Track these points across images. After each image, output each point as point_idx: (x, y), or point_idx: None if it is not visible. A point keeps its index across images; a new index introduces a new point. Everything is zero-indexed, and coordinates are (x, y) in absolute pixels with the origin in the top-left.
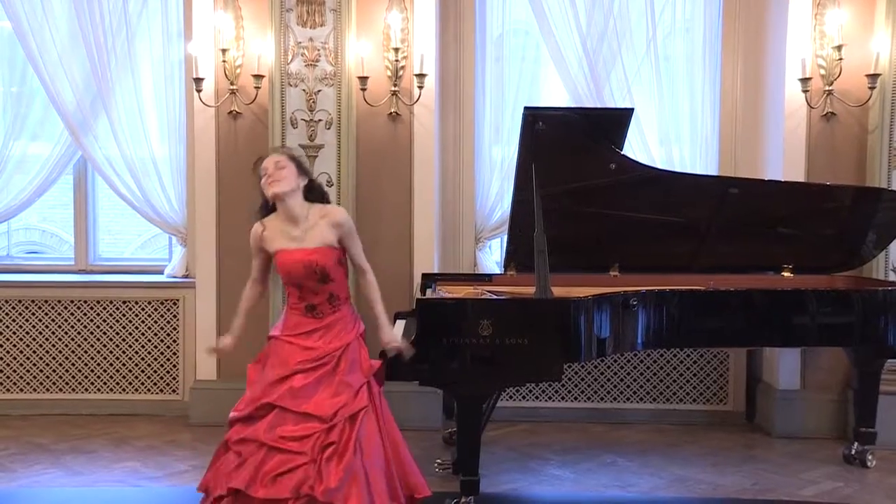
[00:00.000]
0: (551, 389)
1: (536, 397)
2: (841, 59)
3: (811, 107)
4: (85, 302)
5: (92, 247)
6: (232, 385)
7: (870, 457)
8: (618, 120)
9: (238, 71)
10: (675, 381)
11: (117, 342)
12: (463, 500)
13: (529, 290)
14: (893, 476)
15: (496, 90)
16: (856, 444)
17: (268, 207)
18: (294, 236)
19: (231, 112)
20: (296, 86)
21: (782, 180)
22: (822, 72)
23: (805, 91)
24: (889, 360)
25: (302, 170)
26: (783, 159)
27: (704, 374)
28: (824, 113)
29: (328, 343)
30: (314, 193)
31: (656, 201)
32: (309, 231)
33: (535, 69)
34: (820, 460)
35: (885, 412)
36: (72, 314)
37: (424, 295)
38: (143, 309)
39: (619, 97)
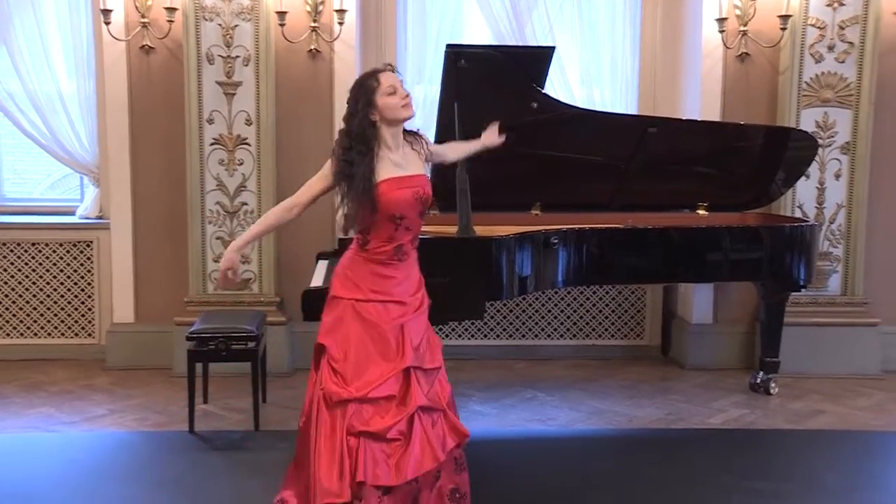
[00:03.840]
0: (474, 327)
1: (459, 335)
2: (755, 0)
3: (727, 47)
4: None
5: None
6: (149, 328)
7: (773, 384)
8: (539, 58)
9: (149, 3)
10: (593, 317)
11: (28, 286)
12: None
13: (452, 230)
14: (794, 401)
15: (418, 28)
16: (761, 373)
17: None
18: (397, 162)
19: (143, 46)
20: (211, 20)
21: (699, 120)
22: (738, 12)
23: (721, 31)
24: (793, 294)
25: None
26: (700, 99)
27: (622, 311)
28: (739, 53)
29: (414, 290)
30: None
31: (577, 140)
32: (406, 157)
33: (456, 6)
34: (728, 390)
35: (787, 342)
36: None
37: (347, 235)
38: (54, 251)
39: (541, 36)
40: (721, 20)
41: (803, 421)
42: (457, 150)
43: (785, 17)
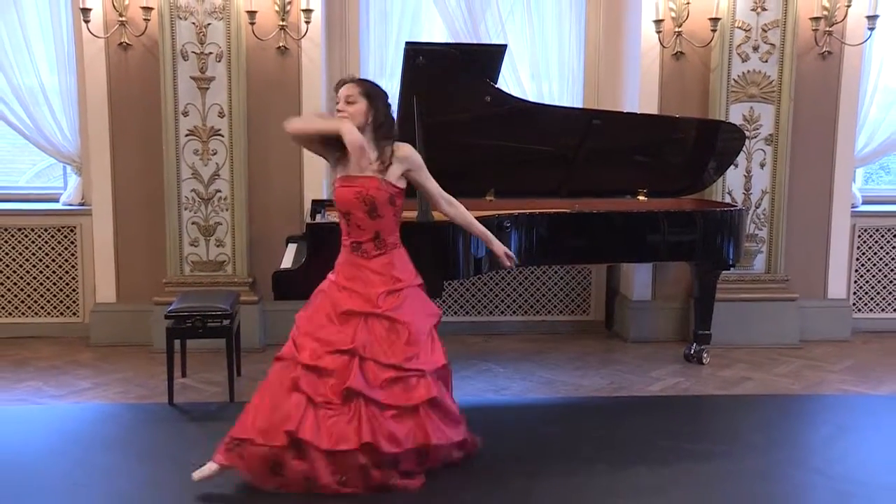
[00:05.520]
0: None
1: None
2: (688, 3)
3: (663, 46)
4: None
5: None
6: (130, 307)
7: (705, 355)
8: (493, 55)
9: (126, 2)
10: (543, 294)
11: (15, 268)
12: None
13: (412, 215)
14: (723, 370)
15: (379, 26)
16: (694, 344)
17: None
18: (357, 164)
19: (121, 43)
20: (185, 19)
21: (638, 113)
22: (673, 14)
23: (658, 32)
24: (723, 272)
25: (374, 105)
26: (639, 93)
27: (569, 289)
28: (674, 52)
29: (383, 285)
30: (382, 129)
31: (528, 131)
32: (374, 163)
33: (416, 6)
34: (666, 360)
35: (718, 317)
36: None
37: (314, 220)
38: (39, 236)
39: (493, 34)
40: (658, 21)
41: (731, 387)
42: (457, 213)
43: (715, 20)
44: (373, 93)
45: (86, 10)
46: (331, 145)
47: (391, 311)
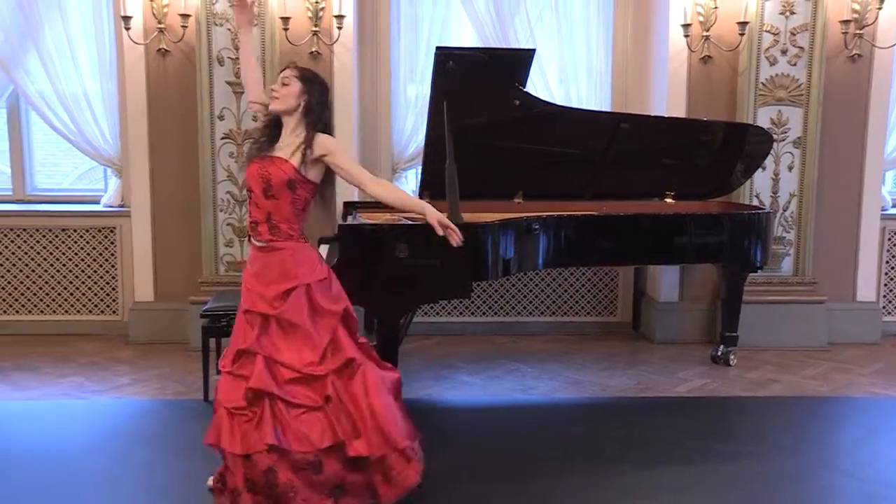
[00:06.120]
0: (462, 305)
1: (449, 313)
2: (716, 7)
3: (691, 50)
4: (24, 230)
5: (29, 178)
6: (167, 306)
7: (732, 356)
8: (521, 60)
9: (165, 10)
10: (570, 296)
11: (58, 268)
12: None
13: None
14: (750, 371)
15: (410, 32)
16: (721, 346)
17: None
18: (279, 147)
19: (160, 50)
20: (221, 25)
21: (666, 116)
22: (701, 19)
23: (686, 36)
24: (750, 274)
25: (308, 90)
26: (667, 97)
27: (596, 290)
28: (702, 56)
29: (276, 284)
30: (310, 116)
31: (556, 135)
32: (289, 145)
33: (446, 12)
34: (692, 361)
35: (745, 319)
36: (12, 241)
37: (346, 221)
38: (81, 236)
39: (522, 38)
40: (686, 26)
41: (758, 389)
42: (384, 191)
43: (743, 24)
44: (310, 77)
45: (127, 18)
46: (270, 130)
47: (285, 312)
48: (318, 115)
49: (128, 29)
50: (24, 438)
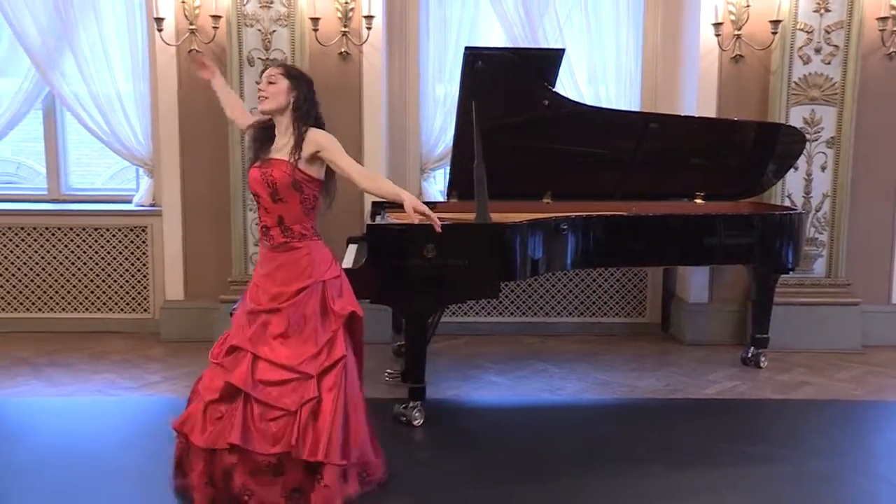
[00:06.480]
0: (490, 306)
1: (476, 313)
2: (748, 6)
3: (722, 49)
4: (59, 229)
5: (63, 178)
6: (198, 304)
7: (763, 358)
8: (550, 59)
9: (197, 11)
10: (599, 296)
11: (91, 266)
12: (410, 404)
13: (470, 216)
14: (781, 374)
15: (439, 32)
16: (752, 348)
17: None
18: (276, 147)
19: (191, 51)
20: (252, 26)
21: (696, 116)
22: (732, 17)
23: (717, 35)
24: (782, 276)
25: (295, 87)
26: (697, 97)
27: (625, 291)
28: (733, 55)
29: (288, 284)
30: (300, 112)
31: (585, 135)
32: (286, 145)
33: (474, 12)
34: (722, 363)
35: (776, 320)
36: (47, 240)
37: (374, 221)
38: (113, 235)
39: (551, 38)
40: (717, 24)
41: (790, 391)
42: (374, 185)
43: (776, 22)
44: (296, 74)
45: (159, 20)
46: (262, 134)
47: (292, 308)
48: (307, 110)
49: (160, 30)
50: (57, 434)
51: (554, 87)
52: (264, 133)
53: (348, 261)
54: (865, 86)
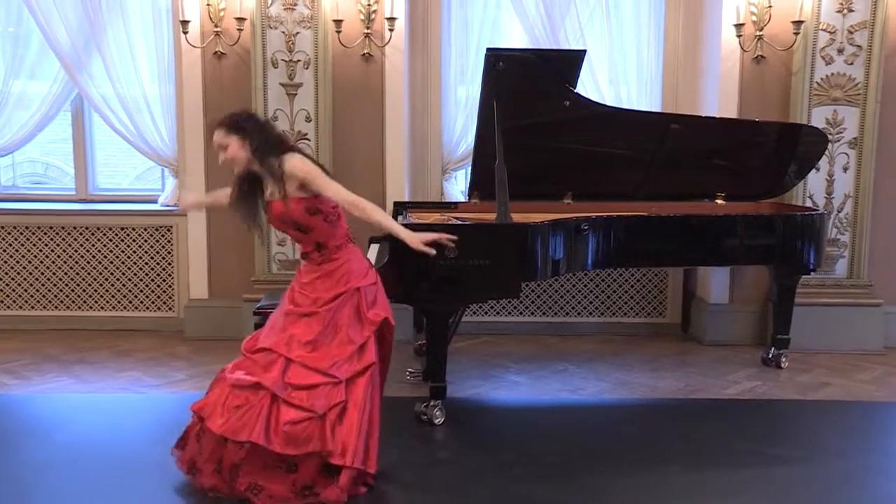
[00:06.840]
0: (510, 305)
1: (497, 313)
2: (770, 6)
3: (744, 50)
4: (86, 228)
5: (91, 178)
6: (222, 303)
7: (784, 359)
8: (572, 61)
9: (222, 14)
10: (620, 297)
11: (117, 265)
12: (431, 403)
13: (491, 217)
14: (802, 374)
15: (460, 33)
16: (773, 348)
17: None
18: (271, 190)
19: (216, 53)
20: (276, 28)
21: (717, 117)
22: (754, 18)
23: (739, 36)
24: (803, 276)
25: (244, 135)
26: (718, 98)
27: (646, 291)
28: (755, 56)
29: (327, 290)
30: (261, 152)
31: (606, 135)
32: (274, 190)
33: (496, 13)
34: (742, 364)
35: (797, 321)
36: (75, 239)
37: (396, 221)
38: (139, 235)
39: (572, 39)
40: (739, 25)
41: (810, 392)
42: (363, 216)
43: (798, 23)
44: (237, 124)
45: (185, 23)
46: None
47: (330, 312)
48: (267, 147)
49: (186, 33)
50: (84, 430)
51: (575, 88)
52: (250, 181)
53: (370, 260)
54: (889, 85)
